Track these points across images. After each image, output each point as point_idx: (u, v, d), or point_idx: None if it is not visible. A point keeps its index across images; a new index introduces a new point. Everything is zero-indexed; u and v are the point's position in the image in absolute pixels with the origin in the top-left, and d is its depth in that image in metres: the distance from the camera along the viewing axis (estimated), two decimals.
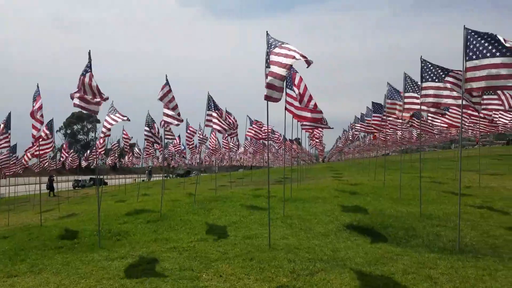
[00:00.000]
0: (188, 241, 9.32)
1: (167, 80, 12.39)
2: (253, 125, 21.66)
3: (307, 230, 9.86)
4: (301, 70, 11.17)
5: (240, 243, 8.88)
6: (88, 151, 37.91)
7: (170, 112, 12.86)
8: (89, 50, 9.28)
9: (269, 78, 7.77)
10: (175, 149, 33.04)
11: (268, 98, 8.10)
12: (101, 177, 43.80)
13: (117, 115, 11.75)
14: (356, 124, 26.28)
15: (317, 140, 29.67)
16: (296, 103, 11.87)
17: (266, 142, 21.15)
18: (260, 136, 22.28)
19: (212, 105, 14.89)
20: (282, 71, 7.66)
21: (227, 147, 27.22)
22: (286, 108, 13.39)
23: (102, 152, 27.38)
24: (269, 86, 8.09)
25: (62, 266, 7.75)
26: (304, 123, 16.10)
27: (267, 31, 8.37)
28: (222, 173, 54.42)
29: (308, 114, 10.55)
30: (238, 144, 28.75)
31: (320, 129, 21.76)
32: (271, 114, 9.33)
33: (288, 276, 6.48)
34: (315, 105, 10.58)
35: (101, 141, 22.01)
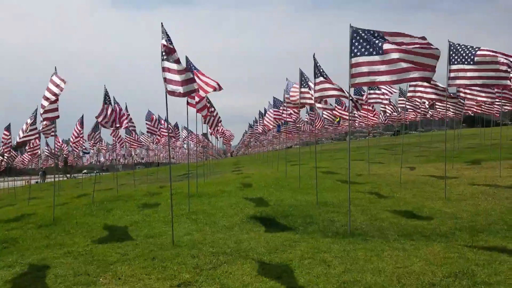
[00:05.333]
0: (85, 245, 8.78)
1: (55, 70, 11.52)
2: (150, 121, 21.27)
3: (212, 225, 9.90)
4: (204, 65, 11.13)
5: (142, 243, 8.60)
6: None
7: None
8: None
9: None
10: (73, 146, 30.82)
11: (171, 93, 8.06)
12: None
13: None
14: (260, 119, 27.06)
15: (224, 135, 29.93)
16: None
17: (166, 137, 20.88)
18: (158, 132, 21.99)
19: (108, 100, 14.34)
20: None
21: (135, 145, 26.23)
22: (187, 102, 13.27)
23: None
24: (169, 81, 8.00)
25: None
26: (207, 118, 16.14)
27: (161, 23, 8.27)
28: (127, 171, 52.22)
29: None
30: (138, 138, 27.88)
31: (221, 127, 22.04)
32: (175, 108, 9.17)
33: (191, 272, 6.44)
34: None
35: None
